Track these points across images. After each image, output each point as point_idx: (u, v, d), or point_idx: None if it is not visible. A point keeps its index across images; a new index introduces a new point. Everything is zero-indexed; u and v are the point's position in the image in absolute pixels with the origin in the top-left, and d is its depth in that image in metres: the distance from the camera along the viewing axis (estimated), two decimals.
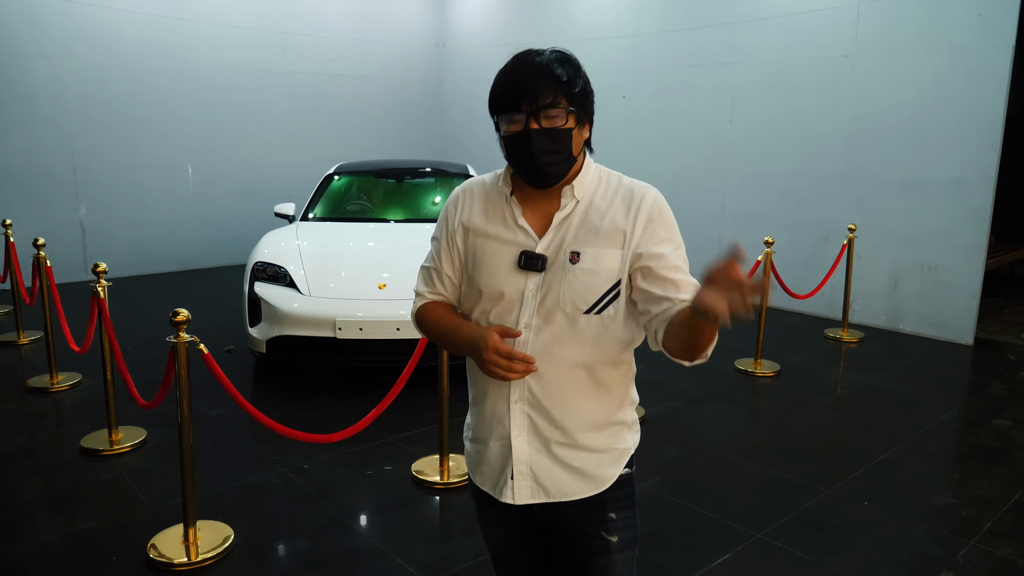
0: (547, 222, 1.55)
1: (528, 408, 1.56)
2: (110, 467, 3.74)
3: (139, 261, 8.56)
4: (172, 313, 2.84)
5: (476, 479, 1.69)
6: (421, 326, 1.69)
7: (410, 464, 3.79)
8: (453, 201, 1.65)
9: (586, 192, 1.56)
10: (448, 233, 1.63)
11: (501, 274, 1.54)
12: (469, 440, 1.71)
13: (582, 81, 1.51)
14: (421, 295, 1.69)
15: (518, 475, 1.58)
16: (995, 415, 4.60)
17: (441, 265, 1.64)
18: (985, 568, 2.96)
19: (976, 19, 5.87)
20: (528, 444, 1.57)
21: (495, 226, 1.57)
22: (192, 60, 8.70)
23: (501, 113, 1.51)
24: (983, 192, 5.96)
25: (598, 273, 1.50)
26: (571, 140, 1.49)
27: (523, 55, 1.52)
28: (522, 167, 1.51)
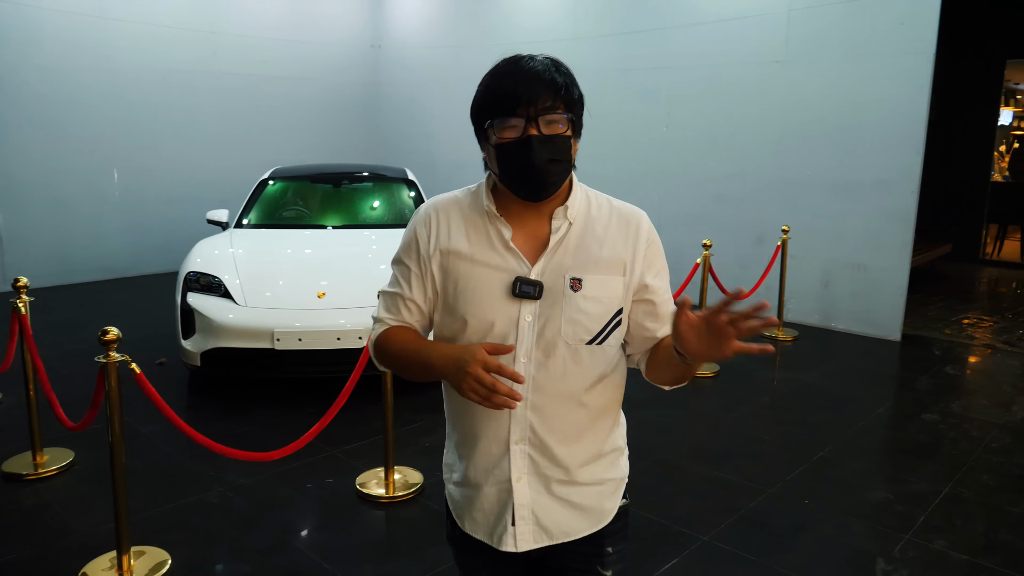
0: (537, 245, 1.45)
1: (529, 448, 1.46)
2: (35, 492, 3.56)
3: (61, 271, 8.19)
4: (101, 332, 2.71)
5: (466, 526, 1.55)
6: (383, 353, 1.52)
7: (354, 478, 3.71)
8: (423, 222, 1.50)
9: (578, 214, 1.46)
10: (420, 258, 1.48)
11: (491, 303, 1.42)
12: (454, 484, 1.58)
13: (578, 90, 1.43)
14: (382, 321, 1.54)
15: (520, 520, 1.47)
16: (924, 410, 4.77)
17: (411, 292, 1.50)
18: (921, 561, 3.06)
19: (899, 27, 6.09)
20: (529, 486, 1.47)
21: (481, 250, 1.44)
22: (116, 60, 8.37)
23: (495, 117, 1.38)
24: (908, 193, 6.19)
25: (602, 302, 1.43)
26: (570, 149, 1.40)
27: (515, 59, 1.41)
28: (520, 177, 1.39)
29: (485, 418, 1.45)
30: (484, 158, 1.47)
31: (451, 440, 1.59)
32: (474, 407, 1.44)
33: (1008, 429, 4.48)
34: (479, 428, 1.47)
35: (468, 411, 1.48)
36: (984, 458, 4.05)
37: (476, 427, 1.48)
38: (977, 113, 9.97)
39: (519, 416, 1.44)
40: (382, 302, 1.56)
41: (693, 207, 7.52)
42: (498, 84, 1.39)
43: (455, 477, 1.57)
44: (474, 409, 1.45)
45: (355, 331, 4.53)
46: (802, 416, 4.66)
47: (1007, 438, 4.33)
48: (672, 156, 7.68)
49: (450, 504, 1.61)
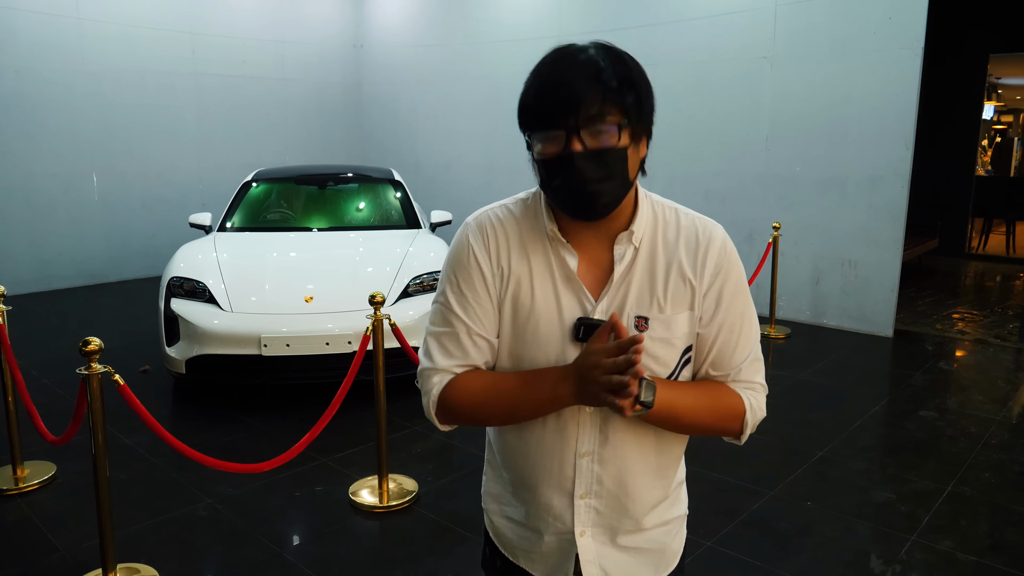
0: (600, 274, 1.26)
1: (595, 501, 1.31)
2: (16, 508, 3.43)
3: (40, 277, 8.01)
4: (82, 342, 2.59)
5: (521, 562, 1.41)
6: (456, 408, 1.27)
7: (346, 487, 3.61)
8: (482, 237, 1.27)
9: (644, 236, 1.27)
10: (485, 281, 1.25)
11: (553, 348, 1.23)
12: (504, 518, 1.42)
13: (638, 86, 1.18)
14: (444, 371, 1.27)
15: (587, 573, 1.34)
16: (920, 407, 4.73)
17: (477, 324, 1.25)
18: (928, 563, 3.01)
19: (887, 22, 6.06)
20: (594, 539, 1.33)
21: (541, 281, 1.24)
22: (93, 61, 8.20)
23: (534, 130, 1.18)
24: (898, 189, 6.16)
25: (671, 343, 1.25)
26: (626, 162, 1.18)
27: (560, 53, 1.18)
28: (562, 198, 1.20)
29: (547, 469, 1.30)
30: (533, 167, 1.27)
31: (500, 474, 1.41)
32: (535, 456, 1.30)
33: (1006, 425, 4.45)
34: (540, 477, 1.31)
35: (527, 458, 1.32)
36: (984, 455, 4.01)
37: (536, 475, 1.32)
38: (961, 108, 10.00)
39: (584, 469, 1.29)
40: (435, 347, 1.29)
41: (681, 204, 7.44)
42: (539, 86, 1.17)
43: (507, 512, 1.41)
44: (535, 458, 1.31)
45: (344, 336, 4.43)
46: (799, 415, 4.61)
47: (1006, 434, 4.30)
48: (659, 153, 7.56)
49: (495, 536, 1.45)
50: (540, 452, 1.30)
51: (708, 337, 1.28)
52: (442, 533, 3.23)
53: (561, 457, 1.29)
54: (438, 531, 3.25)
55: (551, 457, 1.29)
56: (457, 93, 9.58)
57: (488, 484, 1.47)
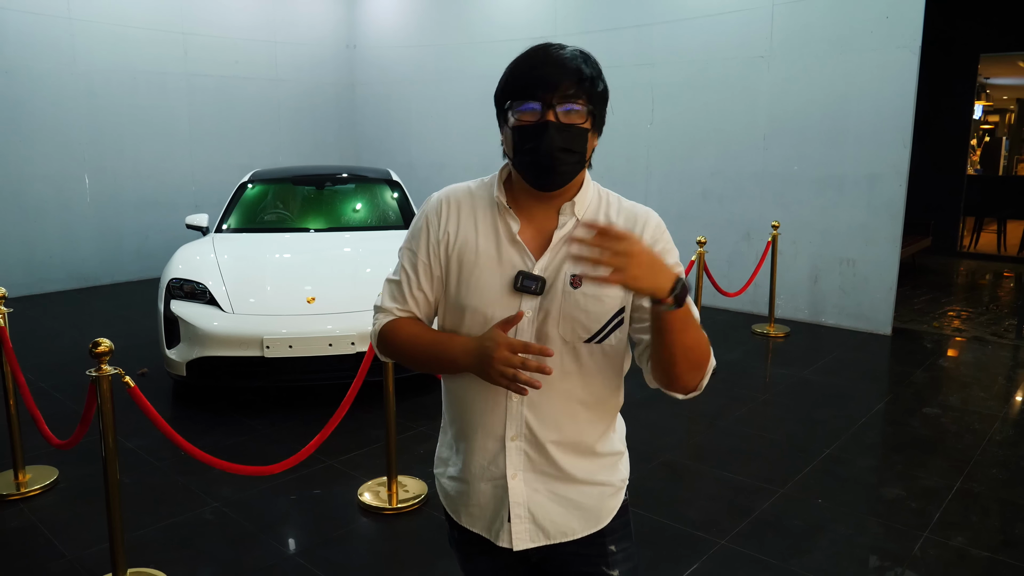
0: (543, 240, 1.42)
1: (525, 445, 1.43)
2: (19, 513, 3.37)
3: (32, 280, 7.91)
4: (92, 344, 2.54)
5: (464, 520, 1.52)
6: (388, 344, 1.49)
7: (355, 489, 3.57)
8: (434, 209, 1.47)
9: (586, 211, 1.44)
10: (429, 244, 1.45)
11: (492, 295, 1.39)
12: (447, 478, 1.55)
13: (603, 84, 1.40)
14: (387, 311, 1.50)
15: (515, 518, 1.45)
16: (923, 404, 4.75)
17: (418, 281, 1.47)
18: (942, 559, 3.01)
19: (884, 21, 6.08)
20: (525, 484, 1.44)
21: (486, 241, 1.42)
22: (84, 62, 8.11)
23: (515, 99, 1.35)
24: (896, 187, 6.19)
25: (601, 300, 1.39)
26: (586, 142, 1.37)
27: (544, 46, 1.38)
28: (530, 163, 1.35)
29: (481, 413, 1.44)
30: (502, 141, 1.43)
31: (446, 434, 1.56)
32: (471, 402, 1.44)
33: (1010, 422, 4.47)
34: (475, 423, 1.45)
35: (465, 406, 1.46)
36: (990, 451, 4.03)
37: (473, 422, 1.45)
38: (952, 107, 10.07)
39: (514, 412, 1.41)
40: (387, 290, 1.52)
41: (679, 204, 7.46)
42: (523, 68, 1.36)
43: (450, 471, 1.54)
44: (471, 404, 1.45)
45: (347, 337, 4.39)
46: (803, 413, 4.61)
47: (1010, 431, 4.32)
48: (657, 153, 7.62)
49: (444, 500, 1.58)
50: (474, 396, 1.44)
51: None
52: None
53: (494, 400, 1.42)
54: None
55: (484, 401, 1.43)
56: (451, 93, 9.55)
57: (439, 451, 1.60)
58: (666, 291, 1.22)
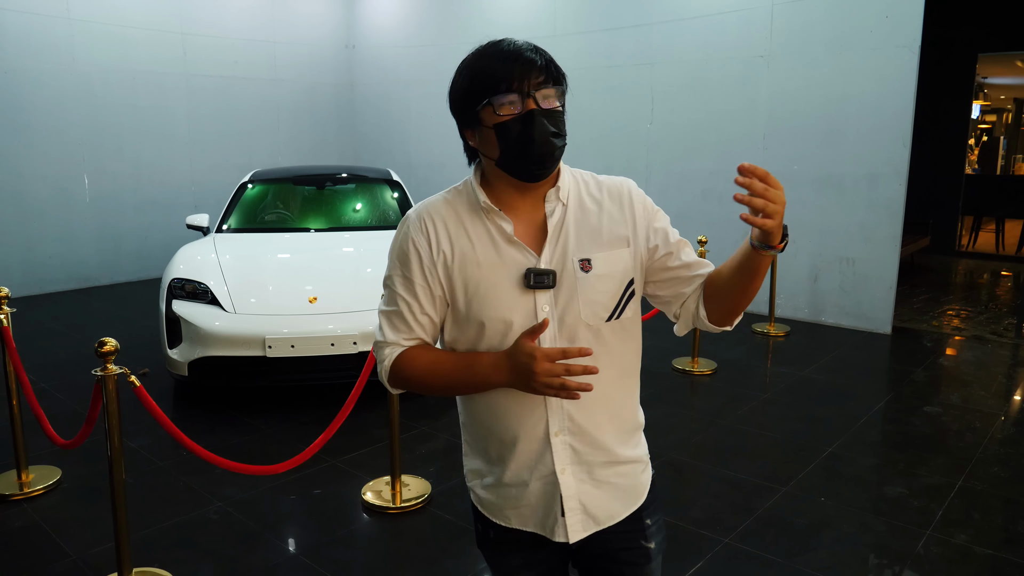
0: (536, 233, 1.42)
1: (570, 437, 1.43)
2: (23, 513, 3.37)
3: (31, 280, 7.90)
4: (98, 343, 2.54)
5: (514, 522, 1.51)
6: (404, 377, 1.44)
7: (358, 489, 3.58)
8: (418, 229, 1.43)
9: (569, 194, 1.45)
10: (424, 266, 1.41)
11: (506, 301, 1.38)
12: (485, 488, 1.53)
13: (560, 69, 1.39)
14: (393, 343, 1.44)
15: (569, 511, 1.46)
16: (924, 402, 4.76)
17: (420, 305, 1.42)
18: (945, 557, 3.01)
19: (884, 20, 6.10)
20: (573, 476, 1.45)
21: (484, 248, 1.40)
22: (84, 62, 8.10)
23: (493, 95, 1.32)
24: (896, 186, 6.20)
25: (613, 276, 1.41)
26: (564, 123, 1.38)
27: (493, 42, 1.38)
28: (523, 155, 1.34)
29: (519, 418, 1.42)
30: (471, 147, 1.45)
31: (475, 447, 1.54)
32: (506, 410, 1.43)
33: (1011, 420, 4.48)
34: (515, 428, 1.43)
35: (500, 415, 1.44)
36: (992, 449, 4.04)
37: (511, 428, 1.44)
38: (950, 107, 10.08)
39: (555, 408, 1.41)
40: (385, 323, 1.46)
41: (679, 203, 7.47)
42: (486, 65, 1.35)
43: (487, 481, 1.52)
44: (506, 412, 1.43)
45: (349, 336, 4.39)
46: (804, 412, 4.62)
47: (1011, 429, 4.33)
48: (657, 152, 7.63)
49: (483, 508, 1.56)
50: (509, 404, 1.42)
51: (672, 257, 1.46)
52: (458, 534, 3.21)
53: (532, 403, 1.41)
54: (454, 532, 3.23)
55: (521, 406, 1.41)
56: None
57: (468, 463, 1.59)
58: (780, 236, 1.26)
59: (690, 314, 1.48)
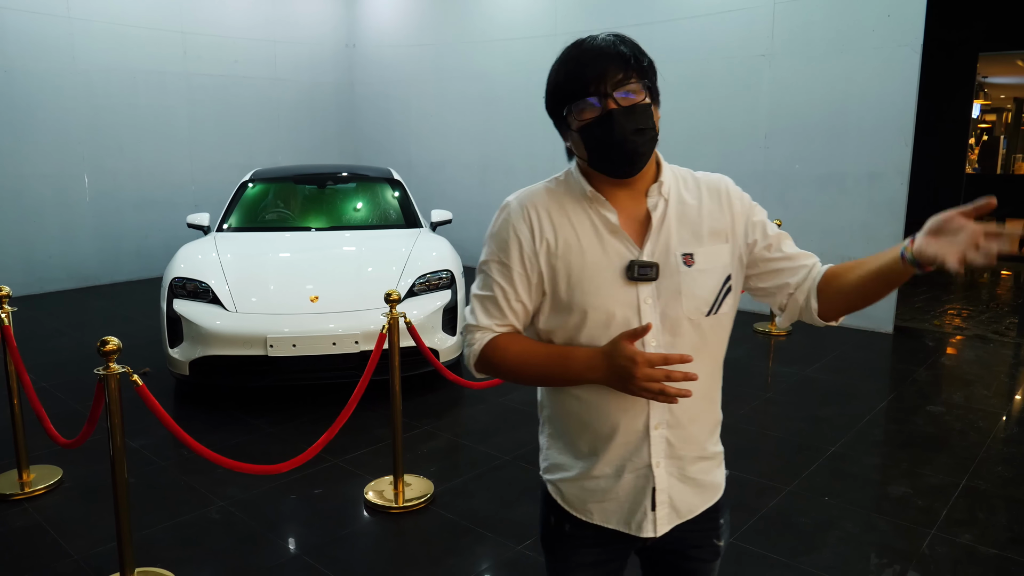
0: (637, 226, 1.42)
1: (667, 431, 1.44)
2: (24, 513, 3.35)
3: (31, 279, 7.88)
4: (101, 342, 2.53)
5: (596, 517, 1.50)
6: (492, 363, 1.46)
7: (360, 488, 3.56)
8: (521, 217, 1.43)
9: (670, 189, 1.46)
10: (524, 254, 1.41)
11: (609, 291, 1.38)
12: (574, 481, 1.51)
13: (646, 57, 1.39)
14: (485, 328, 1.46)
15: (660, 504, 1.47)
16: (927, 402, 4.75)
17: (516, 292, 1.43)
18: (950, 557, 3.00)
19: (886, 19, 6.09)
20: (667, 471, 1.46)
21: (588, 238, 1.40)
22: (84, 61, 8.09)
23: (572, 101, 1.35)
24: (898, 185, 6.19)
25: (714, 272, 1.43)
26: (652, 117, 1.38)
27: (576, 42, 1.38)
28: (608, 155, 1.36)
29: (619, 411, 1.42)
30: (568, 147, 1.46)
31: (562, 440, 1.52)
32: (604, 404, 1.42)
33: (1014, 419, 4.47)
34: (614, 421, 1.43)
35: (598, 408, 1.43)
36: (995, 449, 4.03)
37: (610, 420, 1.43)
38: (951, 106, 10.09)
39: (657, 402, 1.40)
40: (479, 307, 1.47)
41: None
42: (566, 70, 1.37)
43: (572, 475, 1.51)
44: (605, 406, 1.42)
45: (351, 335, 4.39)
46: (807, 411, 4.61)
47: (1014, 428, 4.33)
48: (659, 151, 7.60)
49: (563, 502, 1.54)
50: (607, 399, 1.40)
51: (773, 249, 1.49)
52: (462, 533, 3.20)
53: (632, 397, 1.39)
54: (457, 531, 3.22)
55: (620, 399, 1.40)
56: (450, 92, 9.54)
57: (552, 457, 1.56)
58: None
59: (798, 306, 1.49)
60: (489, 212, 6.48)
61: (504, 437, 4.20)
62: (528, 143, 8.67)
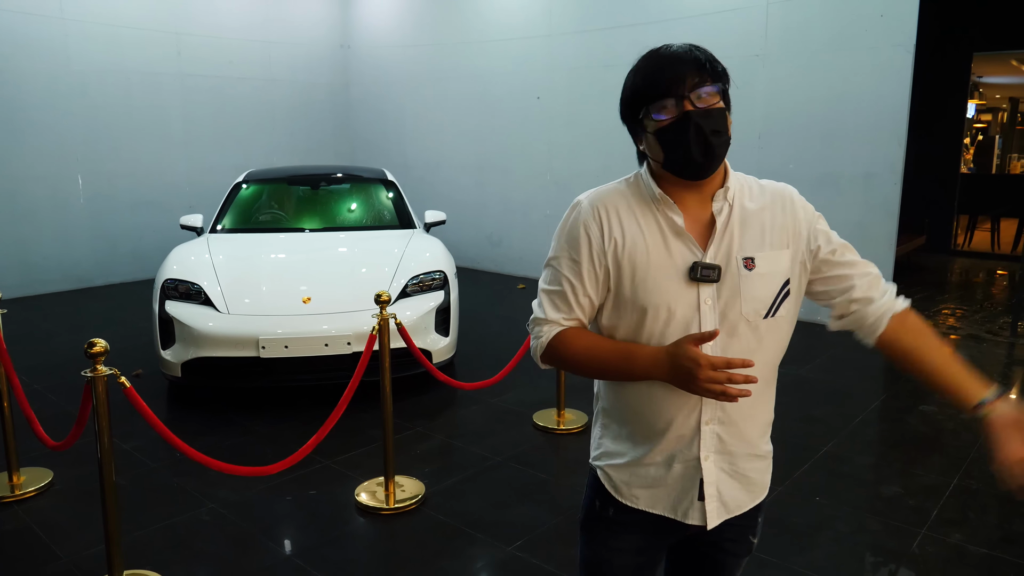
0: (702, 228, 1.48)
1: (718, 427, 1.50)
2: (14, 516, 3.35)
3: (25, 281, 7.86)
4: (88, 344, 2.52)
5: (642, 503, 1.57)
6: (559, 356, 1.53)
7: (350, 490, 3.56)
8: (591, 216, 1.48)
9: (735, 195, 1.50)
10: (593, 251, 1.47)
11: (672, 290, 1.44)
12: (624, 467, 1.57)
13: (720, 64, 1.42)
14: (553, 322, 1.52)
15: (709, 497, 1.53)
16: (920, 401, 4.75)
17: (584, 288, 1.49)
18: (940, 556, 3.01)
19: (879, 19, 6.09)
20: (715, 464, 1.52)
21: (653, 238, 1.46)
22: (78, 62, 8.07)
23: (650, 103, 1.39)
24: (891, 185, 6.20)
25: (773, 276, 1.48)
26: (727, 121, 1.42)
27: (653, 50, 1.43)
28: (684, 156, 1.39)
29: (676, 406, 1.48)
30: (641, 151, 1.51)
31: (618, 431, 1.59)
32: (662, 398, 1.48)
33: None
34: (670, 414, 1.49)
35: (655, 402, 1.49)
36: (987, 449, 4.02)
37: (666, 414, 1.49)
38: (946, 106, 10.09)
39: (710, 399, 1.45)
40: (547, 301, 1.54)
41: None
42: (643, 74, 1.42)
43: (623, 461, 1.58)
44: (662, 400, 1.48)
45: (343, 336, 4.38)
46: (801, 410, 4.60)
47: None
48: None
49: (610, 486, 1.60)
50: (665, 393, 1.47)
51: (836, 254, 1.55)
52: (453, 535, 3.19)
53: (688, 393, 1.45)
54: (448, 532, 3.21)
55: (679, 394, 1.46)
56: (446, 93, 9.53)
57: (604, 446, 1.62)
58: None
59: (864, 322, 1.59)
60: (486, 213, 6.63)
61: (497, 438, 4.20)
62: (524, 144, 8.67)
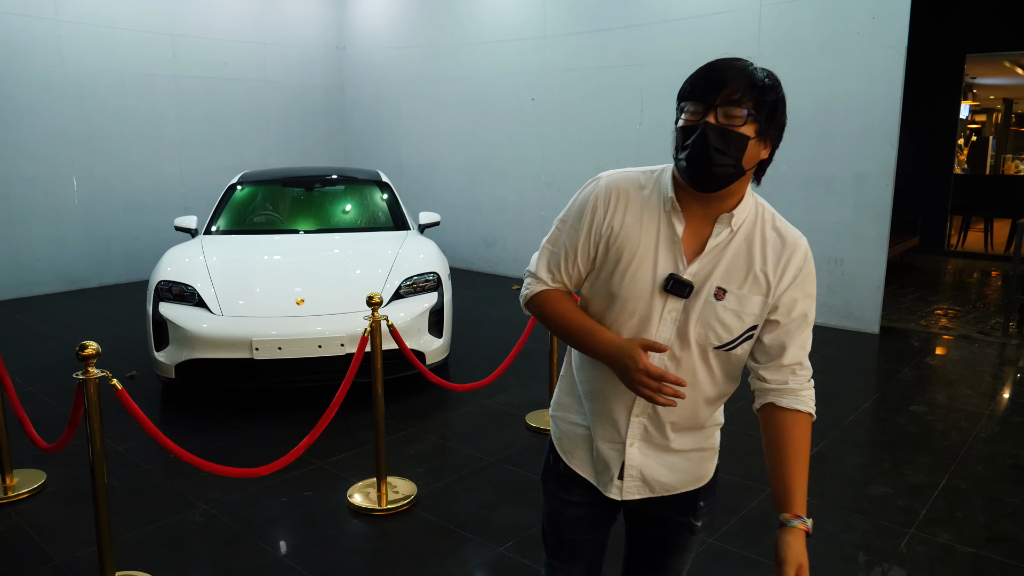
0: (697, 244, 1.49)
1: (646, 421, 1.58)
2: (7, 517, 3.35)
3: (19, 283, 7.87)
4: (79, 346, 2.53)
5: (574, 464, 1.69)
6: (536, 310, 1.63)
7: (343, 491, 3.57)
8: (604, 197, 1.52)
9: (742, 224, 1.49)
10: (592, 228, 1.52)
11: (643, 291, 1.49)
12: (568, 423, 1.70)
13: (775, 96, 1.41)
14: (540, 280, 1.61)
15: (628, 477, 1.62)
16: (910, 402, 4.78)
17: (575, 257, 1.55)
18: (927, 556, 3.03)
19: (871, 21, 6.12)
20: (640, 451, 1.60)
21: (648, 239, 1.49)
22: (72, 63, 8.07)
23: (686, 100, 1.42)
24: (883, 187, 6.23)
25: (740, 316, 1.48)
26: (744, 148, 1.39)
27: (728, 58, 1.45)
28: (687, 162, 1.41)
29: (616, 388, 1.55)
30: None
31: (573, 385, 1.69)
32: (612, 379, 1.53)
33: (995, 419, 4.50)
34: (610, 394, 1.58)
35: (605, 378, 1.56)
36: (976, 448, 4.06)
37: (606, 393, 1.58)
38: (939, 107, 10.13)
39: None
40: (543, 257, 1.61)
41: None
42: (700, 71, 1.43)
43: (572, 418, 1.69)
44: (611, 381, 1.54)
45: (336, 338, 4.39)
46: None
47: (995, 428, 4.36)
48: (647, 153, 7.63)
49: (556, 441, 1.74)
50: (615, 379, 1.52)
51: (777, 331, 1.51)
52: (444, 536, 3.21)
53: None
54: (439, 533, 3.23)
55: (620, 382, 1.51)
56: (440, 94, 9.55)
57: (560, 396, 1.75)
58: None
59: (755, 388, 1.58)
60: (479, 214, 6.68)
61: (489, 439, 4.22)
62: (518, 145, 8.69)
